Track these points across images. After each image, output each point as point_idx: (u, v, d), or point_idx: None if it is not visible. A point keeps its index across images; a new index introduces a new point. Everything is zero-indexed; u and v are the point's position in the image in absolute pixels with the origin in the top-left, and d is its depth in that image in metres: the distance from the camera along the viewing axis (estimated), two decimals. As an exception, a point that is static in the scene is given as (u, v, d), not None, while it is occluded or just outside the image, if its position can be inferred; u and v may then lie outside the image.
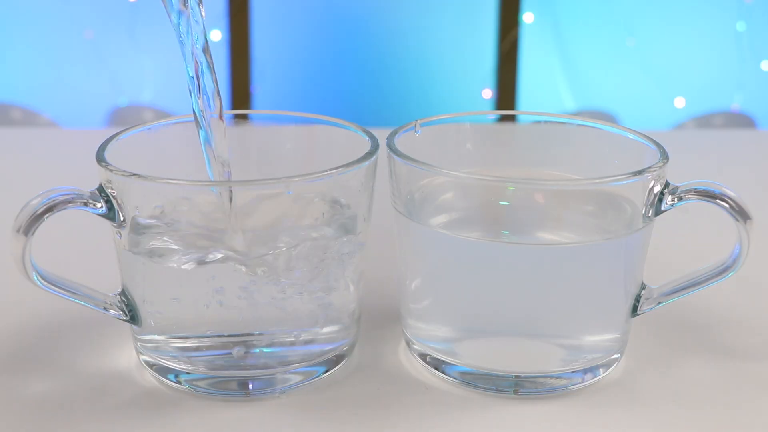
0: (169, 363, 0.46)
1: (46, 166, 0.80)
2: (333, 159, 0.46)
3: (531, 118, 0.53)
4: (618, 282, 0.46)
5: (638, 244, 0.46)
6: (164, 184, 0.43)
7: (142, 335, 0.47)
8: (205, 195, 0.46)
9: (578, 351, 0.46)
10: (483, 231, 0.49)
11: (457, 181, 0.46)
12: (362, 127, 0.49)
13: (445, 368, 0.47)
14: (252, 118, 0.54)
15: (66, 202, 0.43)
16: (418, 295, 0.47)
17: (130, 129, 0.49)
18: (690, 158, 0.82)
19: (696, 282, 0.48)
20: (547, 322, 0.45)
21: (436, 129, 0.51)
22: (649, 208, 0.46)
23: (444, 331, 0.47)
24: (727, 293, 0.55)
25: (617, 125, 0.50)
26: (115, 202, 0.44)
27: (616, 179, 0.44)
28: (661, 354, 0.50)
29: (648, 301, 0.48)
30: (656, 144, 0.47)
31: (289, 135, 0.52)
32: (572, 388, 0.46)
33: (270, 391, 0.46)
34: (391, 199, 0.47)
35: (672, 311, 0.53)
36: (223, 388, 0.45)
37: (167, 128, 0.50)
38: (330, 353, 0.47)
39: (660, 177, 0.45)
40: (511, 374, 0.46)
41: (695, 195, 0.46)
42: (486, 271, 0.45)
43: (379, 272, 0.53)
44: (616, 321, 0.47)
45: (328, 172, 0.44)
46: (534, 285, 0.45)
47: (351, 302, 0.47)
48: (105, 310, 0.46)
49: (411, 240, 0.47)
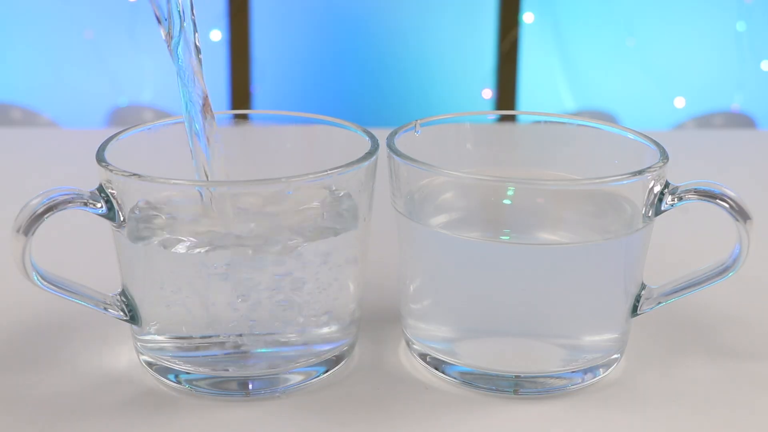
0: (169, 363, 0.46)
1: (46, 166, 0.80)
2: (333, 159, 0.46)
3: (531, 118, 0.53)
4: (618, 282, 0.46)
5: (638, 244, 0.46)
6: (164, 184, 0.43)
7: (142, 335, 0.47)
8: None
9: (578, 351, 0.46)
10: (483, 231, 0.49)
11: (457, 181, 0.46)
12: (362, 127, 0.49)
13: (445, 368, 0.47)
14: (252, 118, 0.54)
15: (66, 202, 0.43)
16: (418, 295, 0.47)
17: (130, 129, 0.49)
18: (690, 158, 0.82)
19: (696, 282, 0.48)
20: (547, 322, 0.45)
21: (436, 129, 0.51)
22: (649, 208, 0.46)
23: (444, 331, 0.47)
24: (727, 293, 0.55)
25: (617, 125, 0.50)
26: (115, 202, 0.44)
27: (616, 179, 0.44)
28: (661, 354, 0.50)
29: (648, 301, 0.48)
30: (656, 144, 0.47)
31: (289, 135, 0.52)
32: (572, 388, 0.46)
33: (270, 391, 0.46)
34: (391, 199, 0.47)
35: (672, 311, 0.53)
36: (223, 388, 0.45)
37: (167, 128, 0.50)
38: (330, 353, 0.47)
39: (660, 177, 0.45)
40: (511, 374, 0.46)
41: (695, 195, 0.46)
42: (486, 271, 0.45)
43: (379, 272, 0.53)
44: (616, 321, 0.47)
45: (328, 172, 0.44)
46: (534, 285, 0.45)
47: (351, 302, 0.47)
48: (105, 310, 0.46)
49: (411, 240, 0.47)
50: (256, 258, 0.44)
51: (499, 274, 0.45)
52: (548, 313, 0.45)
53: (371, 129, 0.48)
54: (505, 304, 0.45)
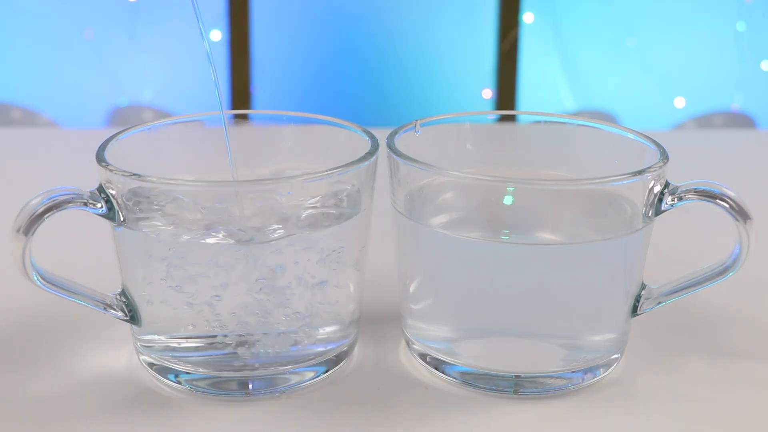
0: (169, 363, 0.46)
1: (46, 166, 0.80)
2: (333, 159, 0.46)
3: (531, 118, 0.53)
4: (618, 282, 0.46)
5: (638, 244, 0.46)
6: (164, 185, 0.43)
7: (142, 335, 0.47)
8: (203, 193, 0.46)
9: (578, 351, 0.46)
10: (483, 231, 0.49)
11: (457, 181, 0.47)
12: (362, 127, 0.49)
13: (445, 368, 0.47)
14: (252, 118, 0.54)
15: (66, 202, 0.43)
16: (417, 295, 0.47)
17: (130, 129, 0.49)
18: (690, 158, 0.82)
19: (696, 282, 0.48)
20: (547, 322, 0.45)
21: (436, 129, 0.51)
22: (649, 208, 0.46)
23: (444, 331, 0.47)
24: (727, 293, 0.55)
25: (617, 125, 0.50)
26: (115, 202, 0.44)
27: (616, 179, 0.44)
28: (661, 354, 0.50)
29: (648, 301, 0.48)
30: (656, 144, 0.47)
31: (289, 135, 0.52)
32: (572, 388, 0.46)
33: (270, 391, 0.46)
34: (391, 199, 0.47)
35: (672, 311, 0.53)
36: (223, 388, 0.45)
37: (167, 128, 0.50)
38: (330, 353, 0.47)
39: (660, 177, 0.45)
40: (511, 374, 0.46)
41: (695, 195, 0.46)
42: (486, 271, 0.45)
43: (379, 272, 0.53)
44: (616, 321, 0.47)
45: (328, 171, 0.44)
46: (534, 285, 0.45)
47: (351, 302, 0.47)
48: (105, 310, 0.46)
49: (411, 240, 0.47)
50: (257, 251, 0.44)
51: (499, 274, 0.45)
52: (548, 313, 0.45)
53: (371, 129, 0.48)
54: (505, 304, 0.45)
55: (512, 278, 0.45)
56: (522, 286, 0.45)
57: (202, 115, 0.52)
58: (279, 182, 0.43)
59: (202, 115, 0.52)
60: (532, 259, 0.44)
